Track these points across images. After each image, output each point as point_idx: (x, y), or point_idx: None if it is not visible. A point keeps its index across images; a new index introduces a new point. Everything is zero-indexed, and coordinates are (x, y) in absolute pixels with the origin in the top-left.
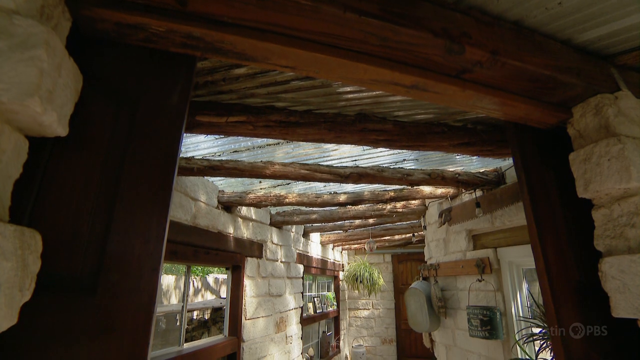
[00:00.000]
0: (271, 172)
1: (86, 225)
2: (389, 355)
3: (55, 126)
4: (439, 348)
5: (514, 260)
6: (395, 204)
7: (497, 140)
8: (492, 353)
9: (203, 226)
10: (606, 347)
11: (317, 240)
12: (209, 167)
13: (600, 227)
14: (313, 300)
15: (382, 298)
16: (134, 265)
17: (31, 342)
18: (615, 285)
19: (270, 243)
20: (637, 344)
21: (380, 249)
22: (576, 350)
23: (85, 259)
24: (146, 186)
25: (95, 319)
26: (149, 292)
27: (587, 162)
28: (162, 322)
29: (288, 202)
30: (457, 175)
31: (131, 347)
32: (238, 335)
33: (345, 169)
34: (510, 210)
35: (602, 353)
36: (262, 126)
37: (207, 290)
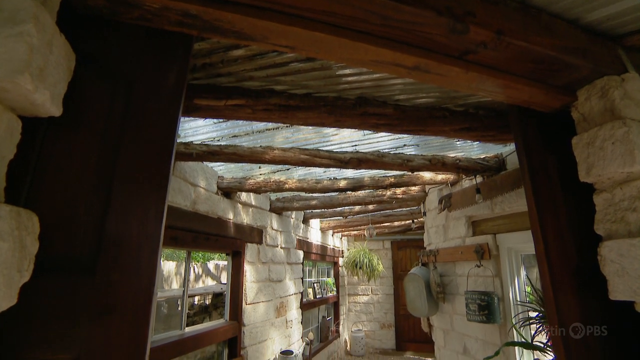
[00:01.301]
0: (271, 157)
1: (83, 207)
2: (388, 340)
3: (48, 105)
4: (437, 332)
5: (513, 246)
6: (395, 190)
7: (498, 125)
8: (489, 337)
9: (203, 212)
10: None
11: (316, 227)
12: (208, 152)
13: (601, 212)
14: (313, 285)
15: (382, 284)
16: (133, 247)
17: (32, 323)
18: (614, 268)
19: (270, 229)
20: (633, 327)
21: (379, 236)
22: None
23: (84, 241)
24: (144, 168)
25: (95, 299)
26: (148, 274)
27: (590, 145)
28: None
29: (288, 187)
30: (458, 161)
31: (132, 328)
32: (239, 319)
33: (345, 154)
34: (510, 197)
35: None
36: (262, 110)
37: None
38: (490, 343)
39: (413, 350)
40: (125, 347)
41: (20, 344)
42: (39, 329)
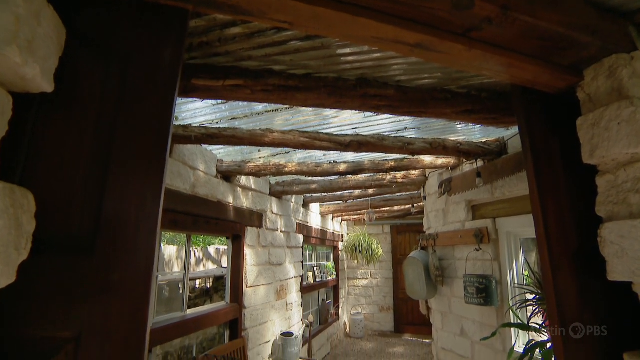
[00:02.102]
0: (270, 140)
1: (80, 186)
2: (386, 323)
3: (39, 80)
4: (435, 315)
5: (512, 231)
6: (396, 174)
7: (501, 108)
8: (486, 319)
9: (202, 195)
10: (600, 310)
11: (316, 211)
12: (206, 135)
13: (604, 194)
14: (313, 269)
15: (381, 268)
16: (131, 227)
17: (32, 300)
18: (614, 250)
19: (270, 213)
20: (629, 308)
21: (379, 220)
22: (570, 311)
23: (82, 221)
24: (141, 147)
25: (94, 278)
26: (147, 254)
27: (595, 126)
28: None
29: (287, 171)
30: (459, 145)
31: (132, 307)
32: (239, 302)
33: (346, 137)
34: (510, 181)
35: (595, 314)
36: (260, 90)
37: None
38: (487, 325)
39: (411, 333)
40: (126, 326)
41: (22, 321)
42: (40, 306)
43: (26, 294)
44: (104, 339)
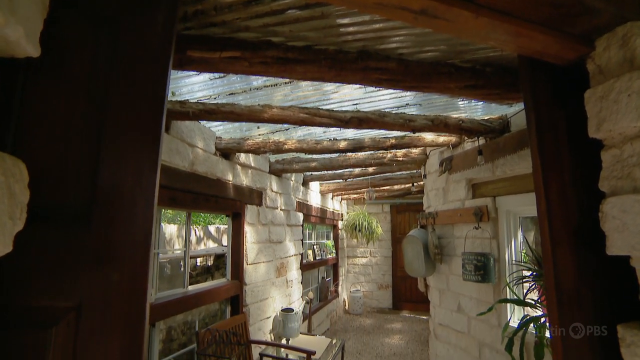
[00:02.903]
0: (269, 116)
1: (74, 156)
2: (385, 300)
3: (24, 43)
4: (433, 292)
5: (512, 209)
6: (396, 152)
7: (505, 83)
8: (482, 295)
9: (201, 173)
10: (595, 283)
11: (316, 190)
12: (204, 111)
13: (608, 168)
14: (313, 247)
15: (380, 247)
16: (127, 198)
17: (31, 271)
18: (615, 224)
19: (270, 191)
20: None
21: (379, 199)
22: (567, 284)
23: (77, 191)
24: (135, 116)
25: (92, 250)
26: (144, 225)
27: (604, 99)
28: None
29: (287, 148)
30: (461, 122)
31: (131, 278)
32: (240, 279)
33: (346, 114)
34: (512, 159)
35: (592, 289)
36: (259, 63)
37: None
38: (484, 301)
39: (409, 310)
40: (126, 297)
41: (22, 290)
42: (39, 276)
43: (24, 264)
44: (104, 308)
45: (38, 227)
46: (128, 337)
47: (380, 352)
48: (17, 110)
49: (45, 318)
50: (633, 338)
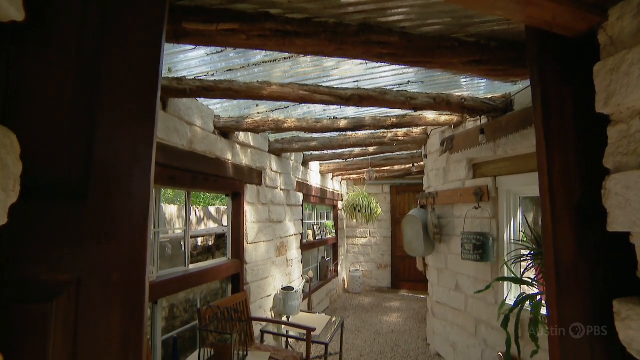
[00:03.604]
0: (268, 93)
1: (67, 129)
2: (384, 279)
3: (6, 6)
4: (432, 271)
5: (512, 189)
6: (397, 131)
7: (510, 58)
8: (480, 274)
9: (200, 151)
10: (594, 260)
11: (316, 170)
12: (202, 87)
13: (614, 144)
14: (313, 227)
15: (380, 227)
16: (123, 170)
17: (29, 244)
18: (617, 201)
19: (270, 170)
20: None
21: (379, 180)
22: (566, 260)
23: (72, 165)
24: (129, 87)
25: (89, 223)
26: (141, 198)
27: (614, 72)
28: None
29: (287, 127)
30: (463, 101)
31: (130, 251)
32: (241, 258)
33: (347, 91)
34: (514, 139)
35: (590, 265)
36: (257, 36)
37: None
38: (482, 280)
39: (407, 289)
40: (125, 269)
41: (21, 264)
42: (37, 250)
43: (22, 238)
44: (104, 281)
45: (33, 201)
46: (128, 310)
47: (379, 329)
48: (4, 80)
49: (46, 291)
50: (628, 312)
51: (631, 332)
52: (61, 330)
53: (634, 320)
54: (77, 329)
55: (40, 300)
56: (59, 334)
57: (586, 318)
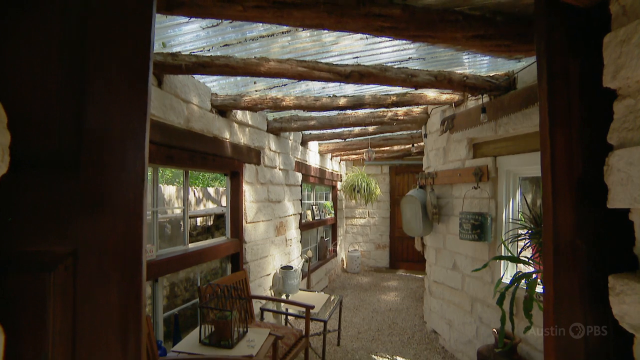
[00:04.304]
0: (266, 70)
1: (55, 98)
2: (382, 259)
3: None
4: (429, 251)
5: (512, 169)
6: (397, 110)
7: (516, 33)
8: (478, 254)
9: (197, 130)
10: (591, 236)
11: (315, 150)
12: (198, 63)
13: (619, 120)
14: (311, 208)
15: (378, 208)
16: (117, 142)
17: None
18: (619, 177)
19: (268, 150)
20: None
21: (378, 160)
22: (564, 236)
23: (63, 135)
24: (119, 55)
25: (83, 194)
26: (136, 169)
27: (624, 43)
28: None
29: (285, 105)
30: (465, 79)
31: (125, 223)
32: (240, 237)
33: (346, 67)
34: (516, 118)
35: (587, 242)
36: (253, 7)
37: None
38: (479, 259)
39: (405, 269)
40: (122, 241)
41: (16, 235)
42: (31, 222)
43: (14, 210)
44: (100, 253)
45: (24, 171)
46: (127, 282)
47: (377, 307)
48: None
49: (43, 263)
50: (623, 287)
51: (624, 307)
52: (60, 302)
53: (628, 295)
54: (75, 300)
55: (37, 271)
56: (58, 305)
57: (581, 293)
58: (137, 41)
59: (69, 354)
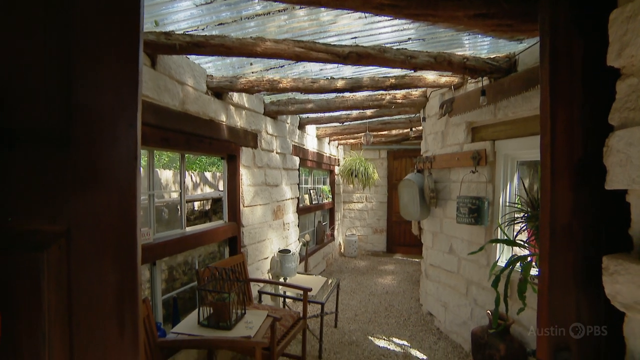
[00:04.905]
0: (262, 50)
1: (41, 72)
2: (379, 244)
3: None
4: (426, 235)
5: (510, 153)
6: (396, 93)
7: (520, 12)
8: (474, 238)
9: (193, 112)
10: (587, 217)
11: (312, 133)
12: (192, 43)
13: (622, 99)
14: (309, 192)
15: (376, 192)
16: (107, 118)
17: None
18: (618, 158)
19: (265, 133)
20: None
21: (376, 145)
22: (561, 218)
23: (51, 110)
24: (107, 26)
25: (74, 171)
26: (128, 146)
27: (631, 19)
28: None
29: (282, 87)
30: (465, 61)
31: (119, 201)
32: (237, 220)
33: (344, 48)
34: (515, 101)
35: (584, 223)
36: None
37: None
38: (475, 243)
39: (402, 253)
40: (116, 219)
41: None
42: (21, 199)
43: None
44: (94, 231)
45: (13, 148)
46: (122, 260)
47: (374, 290)
48: None
49: (36, 242)
50: (617, 267)
51: (617, 286)
52: (55, 281)
53: (622, 274)
54: (70, 280)
55: (31, 250)
56: (52, 285)
57: (575, 274)
58: (125, 10)
59: (66, 333)
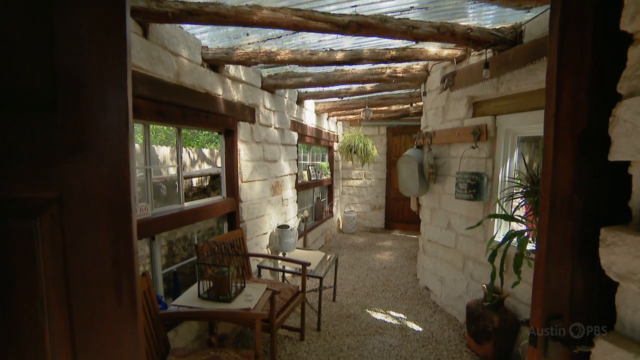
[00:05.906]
0: (259, 19)
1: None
2: (378, 220)
3: None
4: (425, 211)
5: (512, 128)
6: (396, 67)
7: None
8: (472, 213)
9: (189, 85)
10: (588, 190)
11: (311, 109)
12: (185, 11)
13: (632, 67)
14: (308, 168)
15: (375, 169)
16: (95, 81)
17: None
18: (625, 128)
19: (263, 108)
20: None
21: (375, 121)
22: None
23: (33, 73)
24: None
25: (61, 137)
26: (118, 110)
27: None
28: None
29: (280, 59)
30: (469, 31)
31: (111, 167)
32: (236, 196)
33: (344, 17)
34: (519, 74)
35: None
36: None
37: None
38: (474, 219)
39: (400, 229)
40: (109, 186)
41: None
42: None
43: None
44: (87, 199)
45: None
46: (116, 228)
47: (372, 265)
48: None
49: (28, 209)
50: (614, 239)
51: (613, 257)
52: (49, 249)
53: (618, 246)
54: (65, 247)
55: (23, 218)
56: (47, 253)
57: (572, 246)
58: None
59: (64, 300)
